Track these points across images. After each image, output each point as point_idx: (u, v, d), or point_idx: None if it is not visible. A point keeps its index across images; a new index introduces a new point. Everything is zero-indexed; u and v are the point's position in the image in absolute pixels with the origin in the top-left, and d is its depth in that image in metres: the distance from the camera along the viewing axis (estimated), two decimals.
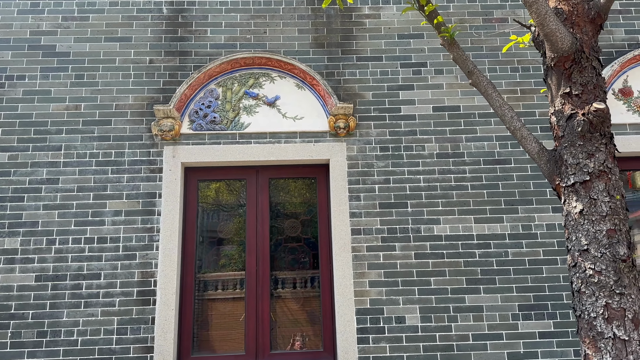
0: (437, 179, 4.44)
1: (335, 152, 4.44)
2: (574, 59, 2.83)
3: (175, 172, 4.34)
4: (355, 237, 4.29)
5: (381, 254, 4.27)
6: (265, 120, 4.49)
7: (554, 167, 2.85)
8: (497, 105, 2.99)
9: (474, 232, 4.33)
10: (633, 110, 4.56)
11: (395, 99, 4.60)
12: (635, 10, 4.82)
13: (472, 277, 4.23)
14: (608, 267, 2.57)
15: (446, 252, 4.29)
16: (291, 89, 4.58)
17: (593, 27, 2.93)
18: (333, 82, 4.61)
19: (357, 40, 4.72)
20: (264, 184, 4.51)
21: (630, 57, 4.58)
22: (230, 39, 4.68)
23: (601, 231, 2.62)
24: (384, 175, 4.43)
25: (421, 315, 4.15)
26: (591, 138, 2.74)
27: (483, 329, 4.12)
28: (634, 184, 4.58)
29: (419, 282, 4.22)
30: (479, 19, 4.78)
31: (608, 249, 2.59)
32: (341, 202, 4.34)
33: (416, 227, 4.33)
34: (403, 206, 4.38)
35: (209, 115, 4.47)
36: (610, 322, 2.52)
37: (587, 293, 2.59)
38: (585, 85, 2.82)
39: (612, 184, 2.68)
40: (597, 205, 2.65)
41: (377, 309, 4.16)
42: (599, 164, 2.70)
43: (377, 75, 4.64)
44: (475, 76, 3.03)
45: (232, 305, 4.32)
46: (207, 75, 4.51)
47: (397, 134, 4.53)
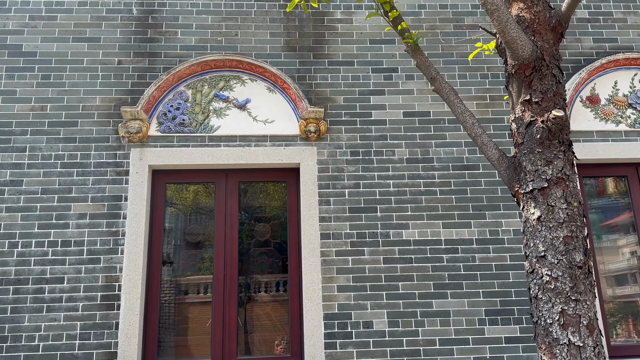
0: (406, 184, 4.45)
1: (305, 156, 4.43)
2: (535, 66, 2.86)
3: (142, 174, 4.28)
4: (325, 241, 4.28)
5: (350, 258, 4.26)
6: (236, 123, 4.45)
7: (513, 173, 2.87)
8: (458, 112, 3.01)
9: (442, 237, 4.34)
10: (600, 118, 4.63)
11: (366, 104, 4.60)
12: (604, 19, 4.91)
13: (440, 282, 4.25)
14: (564, 273, 2.59)
15: (414, 257, 4.30)
16: (262, 92, 4.56)
17: (554, 36, 2.97)
18: (304, 86, 4.60)
19: (329, 44, 4.72)
20: (233, 187, 4.47)
21: (598, 65, 4.65)
22: (201, 41, 4.64)
23: (558, 238, 2.64)
24: (354, 180, 4.43)
25: (389, 320, 4.15)
26: (550, 145, 2.77)
27: (450, 334, 4.13)
28: (605, 191, 4.65)
29: (387, 287, 4.22)
30: (449, 25, 4.82)
31: (564, 256, 2.61)
32: (311, 207, 4.33)
33: (385, 232, 4.34)
34: (372, 211, 4.38)
35: (177, 117, 4.42)
36: (565, 328, 2.54)
37: (544, 299, 2.61)
38: (545, 92, 2.84)
39: (569, 191, 2.71)
40: (555, 212, 2.68)
41: (345, 313, 4.14)
42: (557, 171, 2.73)
43: (348, 79, 4.65)
44: (438, 82, 3.04)
45: (199, 310, 4.26)
46: (176, 77, 4.47)
47: (368, 138, 4.53)
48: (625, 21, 4.90)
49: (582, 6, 4.92)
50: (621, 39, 4.86)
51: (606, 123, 4.60)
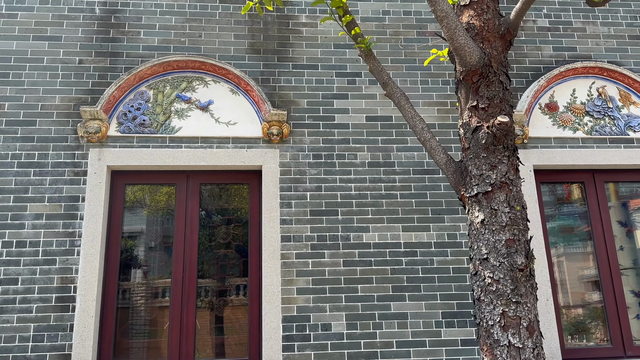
0: (367, 187, 4.48)
1: (268, 158, 4.43)
2: (482, 73, 2.91)
3: (101, 175, 4.24)
4: (285, 244, 4.28)
5: (310, 261, 4.27)
6: (198, 125, 4.44)
7: (459, 177, 2.91)
8: (409, 117, 3.05)
9: (401, 241, 4.38)
10: (558, 125, 4.72)
11: (330, 108, 4.63)
12: (564, 28, 5.02)
13: (398, 284, 4.28)
14: (506, 276, 2.64)
15: (374, 260, 4.33)
16: (225, 94, 4.55)
17: (503, 43, 3.03)
18: (268, 89, 4.61)
19: (293, 47, 4.74)
20: (194, 189, 4.46)
21: (557, 73, 4.75)
22: (164, 42, 4.62)
23: (500, 241, 2.69)
24: (315, 183, 4.45)
25: (347, 323, 4.16)
26: (494, 150, 2.82)
27: (407, 336, 4.16)
28: (571, 197, 4.73)
29: (346, 290, 4.24)
30: (413, 32, 4.88)
31: (506, 259, 2.66)
32: (272, 209, 4.33)
33: (346, 235, 4.36)
34: (334, 214, 4.40)
35: (138, 117, 4.39)
36: (506, 330, 2.58)
37: (486, 301, 2.66)
38: (492, 99, 2.90)
39: (512, 195, 2.77)
40: (498, 216, 2.73)
41: (304, 316, 4.15)
42: (501, 176, 2.78)
43: (312, 83, 4.67)
44: (389, 87, 3.08)
45: (157, 313, 4.23)
46: (137, 77, 4.44)
47: (331, 142, 4.56)
48: (585, 30, 5.02)
49: (542, 15, 5.03)
50: (580, 47, 4.97)
51: (564, 130, 4.70)
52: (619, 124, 4.76)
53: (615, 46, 5.00)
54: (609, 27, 5.05)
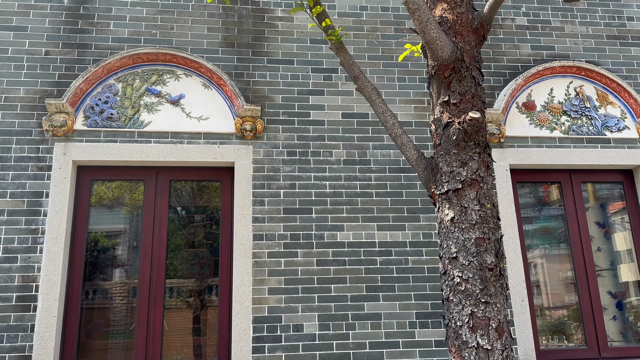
0: (342, 185, 4.40)
1: (240, 155, 4.32)
2: (454, 67, 2.84)
3: (66, 170, 4.09)
4: (257, 242, 4.18)
5: (283, 260, 4.17)
6: (168, 119, 4.31)
7: (430, 174, 2.84)
8: (380, 112, 2.96)
9: (376, 240, 4.30)
10: (535, 124, 4.68)
11: (305, 104, 4.54)
12: (542, 27, 4.98)
13: (372, 284, 4.20)
14: (475, 275, 2.57)
15: (348, 259, 4.24)
16: (197, 88, 4.43)
17: (476, 37, 2.96)
18: (242, 84, 4.49)
19: (268, 42, 4.63)
20: (164, 186, 4.33)
21: (534, 72, 4.71)
22: (135, 34, 4.49)
23: (470, 239, 2.62)
24: (289, 180, 4.35)
25: (319, 323, 4.07)
26: (465, 147, 2.75)
27: (380, 337, 4.08)
28: (550, 199, 4.69)
29: (320, 290, 4.15)
30: (390, 28, 4.81)
31: (476, 257, 2.59)
32: (244, 207, 4.22)
33: (320, 234, 4.26)
34: (307, 212, 4.30)
35: (105, 111, 4.25)
36: (474, 331, 2.51)
37: (455, 301, 2.58)
38: (464, 94, 2.83)
39: (483, 193, 2.70)
40: (468, 214, 2.65)
41: (275, 317, 4.05)
42: (472, 173, 2.71)
43: (287, 78, 4.57)
44: (360, 81, 2.99)
45: (124, 313, 4.09)
46: (106, 70, 4.30)
47: (305, 138, 4.46)
48: (563, 30, 4.99)
49: (521, 13, 4.99)
50: (558, 47, 4.94)
51: (541, 129, 4.66)
52: (596, 124, 4.74)
53: (594, 46, 4.98)
54: (587, 26, 5.03)
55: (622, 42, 5.02)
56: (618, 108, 4.82)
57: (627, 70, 4.94)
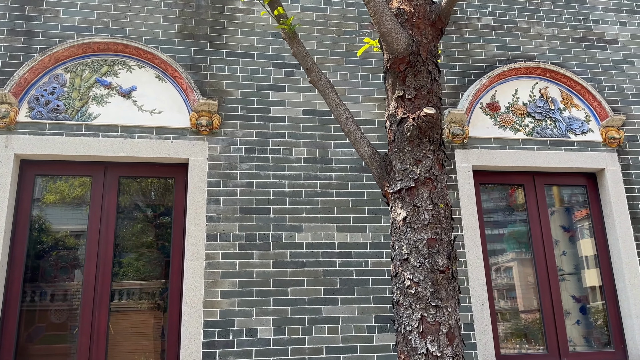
0: (302, 184, 4.25)
1: (195, 151, 4.13)
2: (410, 61, 2.72)
3: (7, 164, 3.84)
4: (211, 243, 3.99)
5: (237, 261, 3.99)
6: (118, 112, 4.10)
7: (384, 172, 2.71)
8: (333, 106, 2.83)
9: (335, 241, 4.16)
10: (499, 125, 4.61)
11: (265, 99, 4.37)
12: (508, 28, 4.93)
13: (331, 287, 4.06)
14: (426, 278, 2.44)
15: (306, 261, 4.09)
16: (150, 80, 4.23)
17: (434, 31, 2.85)
18: (199, 77, 4.31)
19: (227, 34, 4.46)
20: (112, 182, 4.10)
21: (499, 73, 4.65)
22: (85, 22, 4.26)
23: (422, 240, 2.50)
24: (247, 179, 4.18)
25: (274, 328, 3.90)
26: (420, 144, 2.63)
27: (337, 342, 3.94)
28: (517, 202, 4.62)
29: (275, 292, 3.98)
30: (355, 24, 4.68)
31: (427, 259, 2.47)
32: (198, 205, 4.03)
33: (277, 234, 4.10)
34: (265, 212, 4.14)
35: (51, 102, 4.01)
36: (424, 336, 2.38)
37: (405, 305, 2.45)
38: (419, 89, 2.71)
39: (437, 192, 2.58)
40: (420, 213, 2.53)
41: (228, 321, 3.87)
42: (426, 171, 2.59)
43: (247, 72, 4.40)
44: (314, 74, 2.85)
45: (67, 316, 3.86)
46: (53, 59, 4.06)
47: (265, 135, 4.30)
48: (529, 30, 4.95)
49: (487, 13, 4.93)
50: (524, 47, 4.89)
51: (505, 131, 4.60)
52: (560, 126, 4.70)
53: (559, 47, 4.95)
54: (553, 28, 5.00)
55: (587, 45, 5.00)
56: (582, 111, 4.79)
57: (592, 73, 4.92)
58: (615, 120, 4.69)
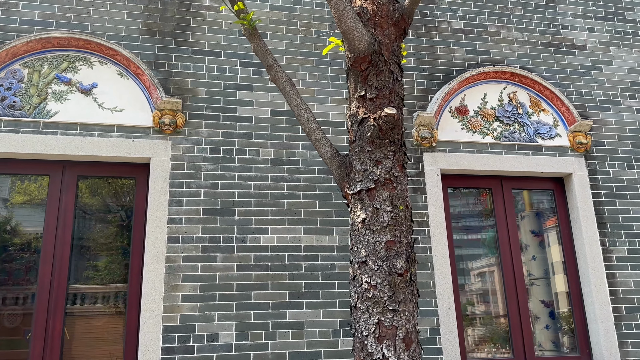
0: (269, 186, 4.16)
1: (158, 150, 4.02)
2: (371, 60, 2.67)
3: None
4: (172, 245, 3.88)
5: (200, 265, 3.89)
6: (78, 110, 3.97)
7: (344, 173, 2.65)
8: (294, 105, 2.76)
9: (302, 244, 4.09)
10: (467, 129, 4.60)
11: (232, 99, 4.29)
12: (478, 31, 4.93)
13: (296, 291, 3.98)
14: (383, 281, 2.38)
15: (271, 264, 4.00)
16: (112, 77, 4.11)
17: (397, 30, 2.81)
18: (163, 74, 4.20)
19: (194, 32, 4.36)
20: (70, 182, 3.96)
21: (468, 77, 4.64)
22: (46, 16, 4.12)
23: (380, 242, 2.44)
24: (211, 179, 4.08)
25: (237, 333, 3.81)
26: (380, 145, 2.58)
27: (301, 347, 3.86)
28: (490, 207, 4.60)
29: (239, 296, 3.89)
30: (325, 24, 4.63)
31: (385, 262, 2.41)
32: (160, 206, 3.91)
33: (242, 237, 4.01)
34: (230, 213, 4.04)
35: (7, 98, 3.86)
36: (380, 341, 2.32)
37: (362, 309, 2.39)
38: (381, 89, 2.66)
39: (396, 194, 2.53)
40: (379, 215, 2.48)
41: (188, 326, 3.75)
42: (386, 172, 2.54)
43: (213, 71, 4.31)
44: (274, 71, 2.78)
45: (20, 321, 3.70)
46: (10, 54, 3.92)
47: (231, 135, 4.21)
48: (499, 35, 4.96)
49: (457, 17, 4.93)
50: (493, 52, 4.90)
51: (473, 134, 4.59)
52: (528, 130, 4.71)
53: (528, 52, 4.97)
54: (522, 33, 5.02)
55: (556, 50, 5.04)
56: (551, 115, 4.81)
57: (561, 78, 4.96)
58: (583, 125, 4.72)
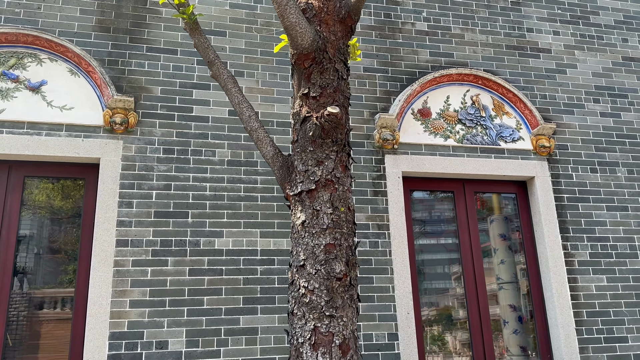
0: (225, 187, 4.05)
1: (108, 150, 3.89)
2: (315, 58, 2.58)
3: None
4: (121, 249, 3.74)
5: (150, 269, 3.76)
6: (25, 108, 3.82)
7: (286, 173, 2.56)
8: (235, 102, 2.67)
9: (258, 247, 3.98)
10: (430, 132, 4.55)
11: (188, 98, 4.17)
12: (442, 33, 4.89)
13: (251, 296, 3.87)
14: (321, 285, 2.29)
15: (225, 269, 3.89)
16: (62, 75, 3.97)
17: (343, 28, 2.73)
18: (116, 72, 4.07)
19: (149, 29, 4.24)
20: (16, 182, 3.81)
21: (431, 79, 4.59)
22: None
23: (319, 245, 2.35)
24: (164, 181, 3.95)
25: (187, 339, 3.68)
26: (322, 144, 2.49)
27: (255, 354, 3.75)
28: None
29: (190, 302, 3.76)
30: None
31: (324, 266, 2.32)
32: (109, 208, 3.78)
33: (195, 240, 3.89)
34: (183, 216, 3.92)
35: None
36: (316, 348, 2.23)
37: (298, 315, 2.29)
38: (325, 87, 2.57)
39: (338, 195, 2.44)
40: (320, 217, 2.38)
41: (136, 332, 3.62)
42: (327, 173, 2.45)
43: (169, 69, 4.19)
44: (216, 67, 2.68)
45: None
46: None
47: (186, 135, 4.09)
48: (463, 37, 4.92)
49: (422, 18, 4.88)
50: (457, 54, 4.86)
51: (435, 137, 4.54)
52: (490, 133, 4.67)
53: (493, 55, 4.94)
54: (487, 35, 4.99)
55: (521, 53, 5.02)
56: (514, 119, 4.78)
57: (525, 82, 4.93)
58: (546, 128, 4.69)
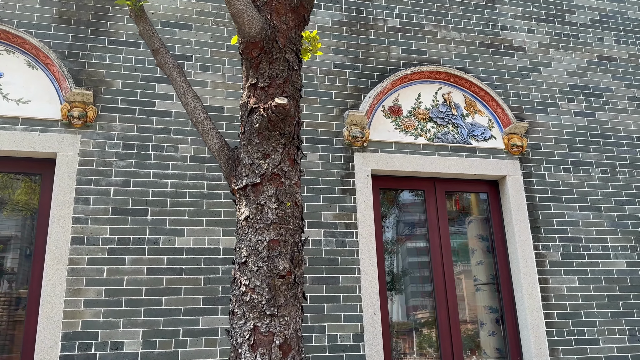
0: (187, 184, 3.94)
1: (64, 145, 3.76)
2: (264, 47, 2.49)
3: None
4: (76, 247, 3.62)
5: (105, 268, 3.64)
6: None
7: (232, 167, 2.46)
8: (181, 92, 2.57)
9: (220, 246, 3.87)
10: (400, 129, 4.47)
11: (150, 92, 4.06)
12: (414, 30, 4.82)
13: (211, 296, 3.75)
14: (263, 283, 2.19)
15: (185, 268, 3.77)
16: (19, 67, 3.84)
17: (295, 17, 2.64)
18: (75, 65, 3.95)
19: (112, 21, 4.13)
20: None
21: (402, 76, 4.51)
22: None
23: (263, 242, 2.25)
24: (123, 177, 3.83)
25: (144, 341, 3.56)
26: (269, 137, 2.40)
27: (214, 355, 3.63)
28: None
29: (148, 302, 3.64)
30: None
31: (266, 263, 2.22)
32: (64, 205, 3.66)
33: (154, 238, 3.77)
34: (142, 213, 3.80)
35: None
36: (255, 349, 2.12)
37: (238, 314, 2.18)
38: (274, 78, 2.48)
39: (284, 190, 2.34)
40: (264, 212, 2.29)
41: (91, 333, 3.49)
42: (274, 166, 2.35)
43: (130, 62, 4.08)
44: (160, 56, 2.58)
45: None
46: None
47: (147, 130, 3.98)
48: (435, 34, 4.85)
49: (394, 15, 4.81)
50: (429, 52, 4.79)
51: (406, 135, 4.45)
52: (462, 132, 4.60)
53: (466, 53, 4.87)
54: (460, 33, 4.93)
55: (494, 51, 4.96)
56: (486, 117, 4.71)
57: (498, 80, 4.87)
58: (518, 127, 4.63)
